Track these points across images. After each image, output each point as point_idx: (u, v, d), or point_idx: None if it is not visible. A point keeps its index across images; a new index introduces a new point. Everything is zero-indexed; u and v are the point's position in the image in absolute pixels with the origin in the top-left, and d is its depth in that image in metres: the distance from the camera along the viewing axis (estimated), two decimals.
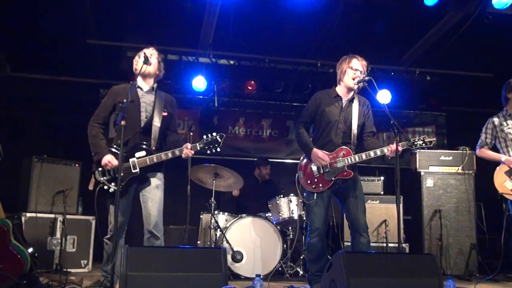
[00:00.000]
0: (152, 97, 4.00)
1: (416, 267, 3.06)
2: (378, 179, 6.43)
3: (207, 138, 3.82)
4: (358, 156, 4.07)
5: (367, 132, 4.29)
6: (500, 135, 4.59)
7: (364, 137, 4.29)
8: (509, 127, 4.56)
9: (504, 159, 4.48)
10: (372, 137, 4.30)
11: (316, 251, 4.16)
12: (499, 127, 4.60)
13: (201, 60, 7.11)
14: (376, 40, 6.46)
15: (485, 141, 4.67)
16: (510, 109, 4.61)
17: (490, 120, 4.69)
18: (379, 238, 5.98)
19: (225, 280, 2.81)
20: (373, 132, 4.32)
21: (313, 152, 4.13)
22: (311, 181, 4.17)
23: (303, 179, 4.23)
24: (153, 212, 3.81)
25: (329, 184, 4.11)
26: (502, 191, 4.44)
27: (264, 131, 8.10)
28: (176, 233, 6.24)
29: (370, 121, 4.32)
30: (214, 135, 3.82)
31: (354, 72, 4.17)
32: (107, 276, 3.63)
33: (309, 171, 4.20)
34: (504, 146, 4.58)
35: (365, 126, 4.29)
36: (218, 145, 3.82)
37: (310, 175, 4.19)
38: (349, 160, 4.07)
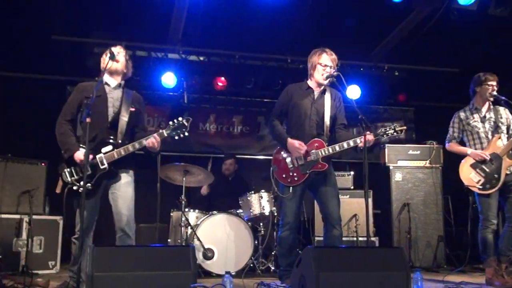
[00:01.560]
0: (119, 93, 3.94)
1: (384, 261, 3.09)
2: (348, 173, 6.49)
3: (173, 123, 3.77)
4: (331, 147, 4.09)
5: (338, 124, 4.31)
6: (467, 129, 4.67)
7: (335, 129, 4.31)
8: (475, 121, 4.63)
9: (469, 152, 4.56)
10: (344, 129, 4.32)
11: (287, 245, 4.18)
12: (465, 121, 4.67)
13: (170, 56, 7.03)
14: (345, 35, 6.49)
15: (452, 135, 4.75)
16: (476, 103, 4.69)
17: (456, 114, 4.77)
18: (349, 232, 6.04)
19: (194, 278, 2.79)
20: (344, 124, 4.35)
21: (289, 142, 4.14)
22: (286, 175, 4.18)
23: (278, 173, 4.23)
24: (124, 210, 3.74)
25: (304, 177, 4.12)
26: (467, 184, 4.52)
27: (235, 127, 8.07)
28: (147, 231, 6.16)
29: (341, 114, 4.35)
30: (180, 120, 3.77)
31: (323, 68, 4.19)
32: (73, 276, 3.56)
33: (283, 164, 4.21)
34: (471, 139, 4.66)
35: (336, 118, 4.31)
36: (185, 130, 3.77)
37: (284, 168, 4.20)
38: (323, 152, 4.08)
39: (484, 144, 4.58)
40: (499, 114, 4.64)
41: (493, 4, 5.27)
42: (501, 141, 4.51)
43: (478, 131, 4.61)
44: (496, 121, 4.60)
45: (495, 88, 4.58)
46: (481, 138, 4.60)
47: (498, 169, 4.42)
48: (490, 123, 4.61)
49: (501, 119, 4.61)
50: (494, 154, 4.46)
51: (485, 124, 4.61)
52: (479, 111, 4.66)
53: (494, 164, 4.44)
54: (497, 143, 4.51)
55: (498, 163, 4.43)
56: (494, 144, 4.51)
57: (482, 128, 4.61)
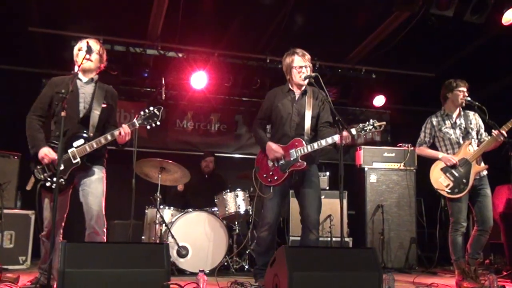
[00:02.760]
0: (91, 88, 3.89)
1: (357, 261, 3.13)
2: (324, 174, 6.54)
3: (145, 113, 3.75)
4: (310, 146, 4.09)
5: (322, 122, 4.28)
6: (438, 135, 4.77)
7: (320, 128, 4.29)
8: (447, 127, 4.72)
9: (441, 156, 4.66)
10: (328, 127, 4.27)
11: (265, 244, 4.20)
12: (437, 127, 4.76)
13: (149, 52, 6.95)
14: (324, 37, 6.53)
15: (423, 140, 4.84)
16: (447, 109, 4.78)
17: (429, 119, 4.86)
18: (324, 233, 6.09)
19: (167, 276, 2.78)
20: (329, 122, 4.29)
21: (267, 146, 4.18)
22: (267, 175, 4.21)
23: (260, 173, 4.26)
24: (95, 206, 3.69)
25: (284, 176, 4.14)
26: (437, 187, 4.61)
27: (212, 125, 8.06)
28: (121, 228, 6.11)
29: (326, 111, 4.31)
30: (152, 109, 3.75)
31: (299, 70, 4.21)
32: (44, 273, 3.51)
33: (265, 165, 4.23)
34: (443, 145, 4.75)
35: (320, 116, 4.29)
36: (157, 119, 3.76)
37: (266, 168, 4.23)
38: (301, 151, 4.09)
39: (455, 149, 4.68)
40: (469, 120, 4.73)
41: (469, 11, 5.36)
42: (471, 147, 4.61)
43: (450, 137, 4.71)
44: (466, 127, 4.70)
45: (465, 95, 4.68)
46: (452, 144, 4.70)
47: (467, 174, 4.51)
48: (461, 129, 4.71)
49: (471, 125, 4.71)
50: (463, 160, 4.56)
51: (456, 130, 4.71)
52: (450, 117, 4.75)
53: (464, 169, 4.54)
54: (468, 149, 4.60)
55: (467, 168, 4.53)
56: (464, 150, 4.61)
57: (453, 134, 4.70)
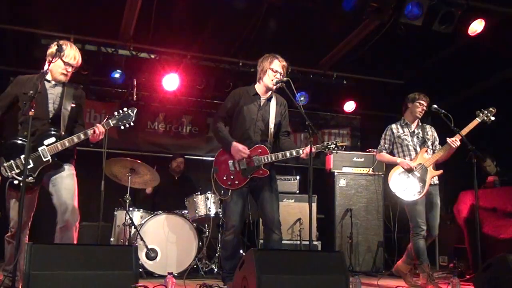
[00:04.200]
0: (59, 89, 3.83)
1: (325, 264, 3.18)
2: (294, 178, 6.60)
3: (119, 113, 3.74)
4: (274, 155, 4.14)
5: (282, 132, 4.40)
6: (397, 141, 4.99)
7: (280, 136, 4.39)
8: (405, 134, 4.95)
9: (399, 161, 4.88)
10: (287, 137, 4.42)
11: (231, 248, 4.20)
12: (397, 134, 5.00)
13: (120, 52, 6.89)
14: (297, 42, 6.59)
15: (384, 146, 5.06)
16: (407, 119, 5.04)
17: (389, 127, 5.09)
18: (293, 236, 6.14)
19: (135, 278, 2.76)
20: (288, 132, 4.44)
21: (233, 146, 4.16)
22: (227, 177, 4.19)
23: (219, 175, 4.23)
24: (69, 200, 3.62)
25: (245, 181, 4.16)
26: (395, 191, 4.80)
27: (184, 127, 8.04)
28: (89, 230, 6.01)
29: (286, 121, 4.44)
30: (126, 110, 3.75)
31: (274, 74, 4.24)
32: (8, 275, 3.44)
33: (225, 167, 4.22)
34: (401, 151, 4.98)
35: (281, 125, 4.38)
36: (131, 119, 3.75)
37: (226, 171, 4.21)
38: (266, 159, 4.13)
39: (412, 155, 4.90)
40: (426, 131, 5.00)
41: (438, 21, 5.51)
42: (427, 154, 4.86)
43: (408, 144, 4.94)
44: (424, 136, 4.96)
45: (424, 109, 4.96)
46: (410, 150, 4.92)
47: (423, 178, 4.72)
48: (418, 137, 4.96)
49: (427, 136, 4.97)
50: (420, 165, 4.79)
51: (414, 138, 4.96)
52: (409, 126, 5.01)
53: (420, 173, 4.75)
54: (424, 155, 4.84)
55: (423, 173, 4.74)
56: (421, 156, 4.84)
57: (411, 142, 4.94)
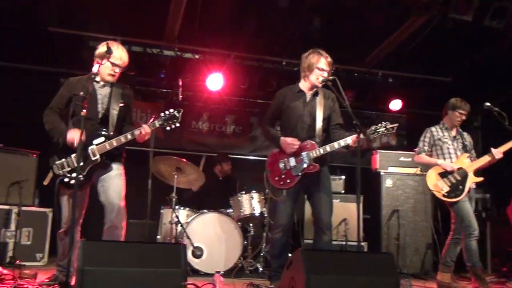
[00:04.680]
0: (108, 90, 3.92)
1: (374, 266, 3.11)
2: (340, 178, 6.52)
3: (165, 114, 3.77)
4: (322, 148, 4.08)
5: (333, 125, 4.29)
6: (437, 144, 4.92)
7: (331, 130, 4.29)
8: (446, 138, 4.89)
9: (440, 162, 4.80)
10: (339, 129, 4.29)
11: (279, 247, 4.19)
12: (437, 137, 4.92)
13: (166, 53, 7.01)
14: (341, 40, 6.51)
15: (423, 149, 5.02)
16: (446, 123, 4.97)
17: (428, 129, 5.05)
18: (338, 236, 6.07)
19: (184, 276, 2.78)
20: (340, 124, 4.31)
21: (282, 140, 4.15)
22: (279, 178, 4.18)
23: (271, 176, 4.23)
24: (116, 200, 3.71)
25: (297, 179, 4.12)
26: (433, 189, 4.74)
27: (227, 127, 8.08)
28: (136, 227, 6.12)
29: (336, 114, 4.33)
30: (172, 111, 3.77)
31: (320, 72, 4.19)
32: (62, 270, 3.55)
33: (276, 167, 4.21)
34: (440, 154, 4.89)
35: (331, 118, 4.30)
36: (176, 120, 3.77)
37: (277, 171, 4.20)
38: (314, 154, 4.09)
39: (453, 159, 4.83)
40: (464, 138, 4.96)
41: (489, 15, 5.32)
42: (468, 159, 4.80)
43: (448, 147, 4.87)
44: (463, 142, 4.91)
45: (463, 118, 4.89)
46: (450, 154, 4.86)
47: (463, 182, 4.66)
48: (459, 143, 4.91)
49: (466, 142, 4.94)
50: (461, 169, 4.71)
51: (454, 143, 4.90)
52: (449, 131, 4.95)
53: (461, 177, 4.67)
54: (465, 160, 4.79)
55: (463, 177, 4.68)
56: (461, 161, 4.79)
57: (451, 145, 4.88)
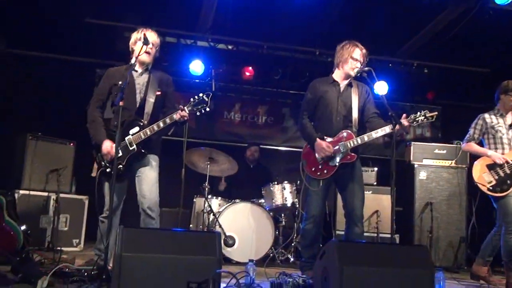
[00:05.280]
0: (145, 78, 3.99)
1: (408, 258, 3.08)
2: (372, 169, 6.47)
3: (194, 99, 3.78)
4: (360, 138, 4.06)
5: (370, 114, 4.25)
6: (489, 132, 4.65)
7: (369, 120, 4.25)
8: (500, 125, 4.61)
9: (490, 153, 4.56)
10: (377, 118, 4.24)
11: (310, 237, 4.20)
12: (490, 124, 4.64)
13: (199, 43, 7.05)
14: (375, 30, 6.43)
15: (472, 136, 4.74)
16: (501, 109, 4.67)
17: (480, 116, 4.74)
18: (370, 228, 6.03)
19: (219, 264, 2.82)
20: (377, 113, 4.27)
21: (317, 144, 4.15)
22: (315, 168, 4.19)
23: (308, 167, 4.24)
24: (147, 192, 3.81)
25: (334, 169, 4.12)
26: (478, 181, 4.52)
27: (259, 117, 8.10)
28: (169, 216, 6.23)
29: (371, 103, 4.30)
30: (201, 95, 3.78)
31: (355, 62, 4.17)
32: (100, 255, 3.65)
33: (313, 158, 4.21)
34: (492, 143, 4.64)
35: (366, 108, 4.27)
36: (206, 105, 3.77)
37: (314, 162, 4.20)
38: (351, 143, 4.07)
39: (505, 149, 4.57)
40: None
41: None
42: None
43: (502, 136, 4.59)
44: None
45: None
46: (503, 144, 4.58)
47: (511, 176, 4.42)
48: None
49: None
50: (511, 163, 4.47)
51: (509, 132, 4.60)
52: (504, 117, 4.66)
53: (510, 170, 4.44)
54: None
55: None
56: None
57: (505, 134, 4.59)
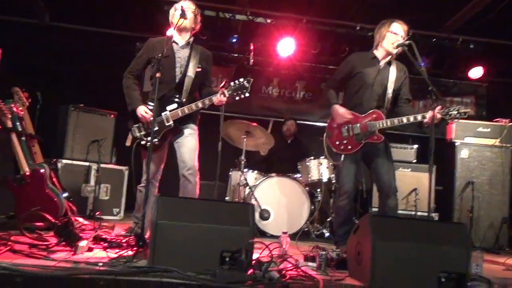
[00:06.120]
0: (187, 52, 3.99)
1: (445, 235, 3.02)
2: (411, 147, 6.35)
3: (235, 84, 3.79)
4: (390, 121, 4.00)
5: (403, 99, 4.22)
6: None
7: (399, 104, 4.23)
8: None
9: None
10: (408, 104, 4.23)
11: (344, 214, 4.18)
12: None
13: (238, 17, 7.01)
14: (419, 4, 6.21)
15: None
16: None
17: None
18: (408, 206, 5.95)
19: (253, 234, 2.84)
20: (409, 99, 4.25)
21: (334, 108, 4.12)
22: (339, 142, 4.15)
23: (332, 140, 4.21)
24: (187, 157, 3.87)
25: (358, 146, 4.08)
26: None
27: (297, 92, 8.03)
28: (205, 188, 6.27)
29: (406, 88, 4.25)
30: (242, 81, 3.79)
31: (394, 36, 4.06)
32: (138, 223, 3.75)
33: (338, 132, 4.17)
34: None
35: (400, 91, 4.21)
36: (246, 90, 3.78)
37: (339, 136, 4.16)
38: (381, 124, 4.01)
39: None
40: None
41: None
42: None
43: None
44: None
45: None
46: None
47: None
48: None
49: None
50: None
51: None
52: None
53: None
54: None
55: None
56: None
57: None
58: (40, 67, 6.72)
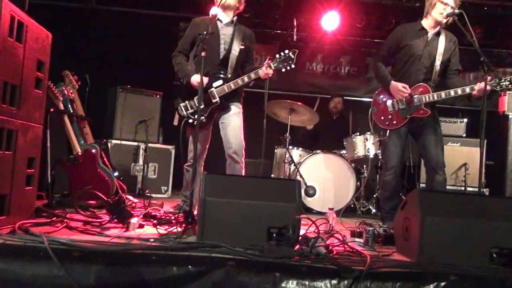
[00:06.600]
0: (231, 30, 4.01)
1: (496, 210, 2.94)
2: (461, 121, 6.18)
3: (280, 56, 3.81)
4: (437, 94, 3.90)
5: (452, 70, 4.10)
6: None
7: (448, 75, 4.11)
8: None
9: None
10: (458, 76, 4.11)
11: (391, 189, 4.13)
12: None
13: None
14: None
15: None
16: None
17: None
18: (457, 182, 5.82)
19: (299, 210, 2.86)
20: (459, 70, 4.13)
21: (392, 85, 4.03)
22: (384, 117, 4.09)
23: (377, 115, 4.15)
24: (232, 137, 3.93)
25: (404, 121, 4.01)
26: None
27: (342, 68, 7.91)
28: (251, 166, 6.33)
29: (456, 58, 4.12)
30: (287, 52, 3.81)
31: (444, 6, 3.93)
32: (186, 200, 3.84)
33: (383, 106, 4.10)
34: None
35: (450, 63, 4.09)
36: (292, 62, 3.80)
37: (384, 111, 4.10)
38: (427, 98, 3.92)
39: None
40: None
41: None
42: None
43: None
44: None
45: None
46: None
47: None
48: None
49: None
50: None
51: None
52: None
53: None
54: None
55: None
56: None
57: None
58: (88, 50, 6.89)
